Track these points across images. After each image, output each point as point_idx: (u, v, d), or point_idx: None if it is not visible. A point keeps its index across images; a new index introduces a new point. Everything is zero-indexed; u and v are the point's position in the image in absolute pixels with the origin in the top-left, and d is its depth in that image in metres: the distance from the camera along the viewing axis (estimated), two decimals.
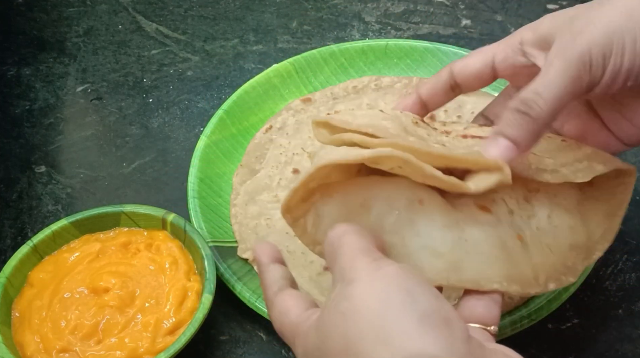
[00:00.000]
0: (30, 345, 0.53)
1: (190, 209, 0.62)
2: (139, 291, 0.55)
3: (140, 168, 0.72)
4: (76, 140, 0.75)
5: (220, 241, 0.61)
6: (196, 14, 0.89)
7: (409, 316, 0.33)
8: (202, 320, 0.53)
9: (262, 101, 0.72)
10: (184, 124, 0.75)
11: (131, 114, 0.77)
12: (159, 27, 0.87)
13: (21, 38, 0.87)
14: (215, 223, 0.62)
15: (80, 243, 0.59)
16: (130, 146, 0.74)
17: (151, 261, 0.57)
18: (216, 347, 0.58)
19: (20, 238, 0.66)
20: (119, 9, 0.90)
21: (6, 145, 0.74)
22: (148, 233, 0.60)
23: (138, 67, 0.82)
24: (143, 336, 0.53)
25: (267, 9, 0.89)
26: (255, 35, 0.85)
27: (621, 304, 0.58)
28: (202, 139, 0.68)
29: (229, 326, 0.59)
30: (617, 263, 0.61)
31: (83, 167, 0.72)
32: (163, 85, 0.80)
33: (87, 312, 0.54)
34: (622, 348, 0.56)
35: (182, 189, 0.65)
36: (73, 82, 0.81)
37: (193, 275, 0.57)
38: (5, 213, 0.68)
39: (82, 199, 0.69)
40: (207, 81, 0.80)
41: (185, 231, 0.58)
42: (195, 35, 0.86)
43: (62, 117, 0.77)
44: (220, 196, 0.65)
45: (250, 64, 0.82)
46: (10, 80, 0.81)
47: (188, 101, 0.78)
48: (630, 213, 0.64)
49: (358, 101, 0.72)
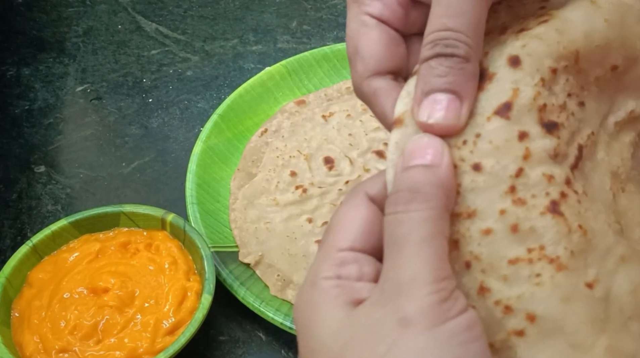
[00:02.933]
0: (29, 345, 0.53)
1: (189, 215, 0.62)
2: (138, 292, 0.55)
3: (139, 168, 0.72)
4: (76, 140, 0.75)
5: (221, 247, 0.61)
6: (196, 14, 0.89)
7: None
8: (201, 320, 0.53)
9: (256, 105, 0.72)
10: (184, 124, 0.75)
11: (131, 114, 0.77)
12: (158, 27, 0.87)
13: (21, 38, 0.86)
14: (214, 228, 0.62)
15: (79, 243, 0.59)
16: (129, 146, 0.74)
17: (151, 261, 0.57)
18: (216, 347, 0.58)
19: (19, 238, 0.66)
20: (119, 9, 0.89)
21: (6, 145, 0.74)
22: (147, 233, 0.60)
23: (137, 67, 0.82)
24: (142, 336, 0.53)
25: (266, 9, 0.89)
26: (255, 35, 0.85)
27: None
28: (198, 144, 0.68)
29: (229, 326, 0.59)
30: None
31: (82, 167, 0.72)
32: (162, 85, 0.80)
33: (86, 312, 0.54)
34: None
35: (181, 190, 0.65)
36: (72, 82, 0.81)
37: (192, 275, 0.57)
38: (5, 213, 0.68)
39: (82, 199, 0.69)
40: (207, 81, 0.80)
41: (184, 231, 0.58)
42: (195, 35, 0.86)
43: (61, 117, 0.77)
44: (218, 201, 0.65)
45: (250, 64, 0.82)
46: (9, 80, 0.81)
47: (187, 101, 0.78)
48: None
49: (352, 102, 0.72)
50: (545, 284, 0.29)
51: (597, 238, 0.30)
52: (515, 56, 0.31)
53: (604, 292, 0.29)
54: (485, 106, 0.31)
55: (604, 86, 0.34)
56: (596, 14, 0.33)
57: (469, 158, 0.31)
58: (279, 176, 0.66)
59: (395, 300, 0.29)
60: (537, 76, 0.31)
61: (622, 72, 0.34)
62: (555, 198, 0.30)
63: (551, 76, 0.32)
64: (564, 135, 0.32)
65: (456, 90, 0.31)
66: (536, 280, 0.29)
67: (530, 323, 0.29)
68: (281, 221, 0.63)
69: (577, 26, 0.32)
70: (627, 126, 0.35)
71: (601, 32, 0.32)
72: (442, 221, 0.30)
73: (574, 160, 0.32)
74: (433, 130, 0.32)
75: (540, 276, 0.29)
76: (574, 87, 0.32)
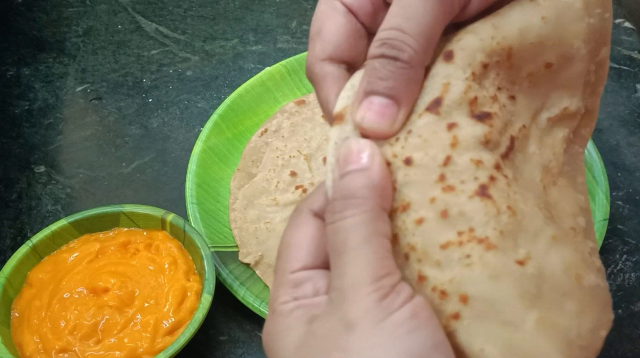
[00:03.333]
0: (29, 345, 0.53)
1: (189, 215, 0.62)
2: (138, 292, 0.55)
3: (139, 168, 0.72)
4: (75, 140, 0.75)
5: (221, 247, 0.61)
6: (196, 13, 0.89)
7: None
8: (201, 320, 0.53)
9: (256, 105, 0.72)
10: (184, 124, 0.75)
11: (131, 114, 0.77)
12: (158, 27, 0.87)
13: (20, 38, 0.86)
14: (214, 228, 0.62)
15: (79, 243, 0.59)
16: (129, 146, 0.74)
17: (150, 261, 0.57)
18: (216, 347, 0.58)
19: (19, 238, 0.66)
20: (119, 9, 0.89)
21: (5, 145, 0.74)
22: (147, 233, 0.60)
23: (137, 67, 0.82)
24: (142, 336, 0.53)
25: (266, 9, 0.89)
26: (255, 35, 0.85)
27: (621, 304, 0.58)
28: (198, 145, 0.68)
29: (229, 326, 0.59)
30: (616, 263, 0.61)
31: (82, 167, 0.72)
32: (162, 85, 0.80)
33: (86, 312, 0.54)
34: (621, 348, 0.56)
35: (181, 190, 0.65)
36: (72, 82, 0.81)
37: (192, 275, 0.57)
38: (5, 213, 0.68)
39: (82, 199, 0.69)
40: (207, 81, 0.80)
41: (184, 231, 0.58)
42: (195, 35, 0.86)
43: (61, 117, 0.77)
44: (218, 201, 0.65)
45: (250, 64, 0.82)
46: (9, 80, 0.81)
47: (187, 101, 0.78)
48: (630, 213, 0.64)
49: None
50: (475, 264, 0.29)
51: (527, 219, 0.30)
52: (450, 50, 0.32)
53: (536, 269, 0.29)
54: (420, 104, 0.32)
55: (537, 82, 0.34)
56: (534, 11, 0.33)
57: (401, 154, 0.31)
58: (279, 176, 0.66)
59: (340, 306, 0.29)
60: (469, 70, 0.32)
61: (556, 70, 0.34)
62: (484, 181, 0.30)
63: (482, 70, 0.32)
64: (497, 124, 0.32)
65: (395, 96, 0.32)
66: (466, 261, 0.29)
67: (464, 305, 0.29)
68: (281, 221, 0.63)
69: (513, 22, 0.33)
70: (560, 122, 0.35)
71: (537, 30, 0.33)
72: (379, 221, 0.31)
73: (505, 150, 0.32)
74: (366, 133, 0.32)
75: (470, 258, 0.29)
76: (503, 82, 0.33)
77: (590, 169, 0.63)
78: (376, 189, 0.31)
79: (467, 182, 0.30)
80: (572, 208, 0.34)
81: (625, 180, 0.67)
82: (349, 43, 0.35)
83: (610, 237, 0.62)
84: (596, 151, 0.64)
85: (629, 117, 0.73)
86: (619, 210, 0.65)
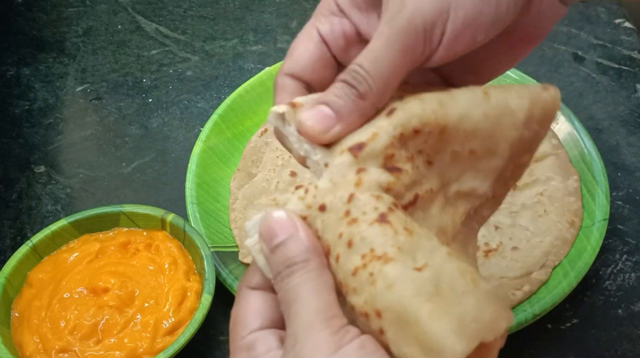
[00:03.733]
0: (29, 345, 0.53)
1: (189, 215, 0.62)
2: (138, 292, 0.55)
3: (139, 168, 0.72)
4: (75, 140, 0.75)
5: (221, 247, 0.61)
6: (196, 13, 0.89)
7: None
8: (201, 320, 0.53)
9: (256, 105, 0.72)
10: (184, 124, 0.75)
11: (130, 114, 0.77)
12: (158, 27, 0.87)
13: (20, 38, 0.86)
14: (214, 228, 0.62)
15: (79, 243, 0.59)
16: (129, 146, 0.74)
17: (150, 261, 0.57)
18: (216, 347, 0.58)
19: (19, 238, 0.66)
20: (119, 9, 0.89)
21: (5, 145, 0.74)
22: (147, 233, 0.60)
23: (137, 67, 0.82)
24: (142, 336, 0.53)
25: (266, 9, 0.89)
26: (255, 35, 0.85)
27: (621, 304, 0.58)
28: (198, 145, 0.68)
29: (229, 326, 0.59)
30: (616, 263, 0.61)
31: (82, 167, 0.72)
32: (162, 85, 0.80)
33: (86, 312, 0.54)
34: (621, 348, 0.56)
35: (181, 190, 0.65)
36: (72, 82, 0.81)
37: (192, 275, 0.57)
38: (5, 213, 0.68)
39: (82, 199, 0.69)
40: (207, 81, 0.80)
41: (184, 231, 0.58)
42: (195, 35, 0.86)
43: (61, 117, 0.77)
44: (218, 201, 0.65)
45: (250, 64, 0.82)
46: (9, 80, 0.81)
47: (187, 101, 0.78)
48: (630, 213, 0.64)
49: None
50: (377, 280, 0.31)
51: (424, 239, 0.33)
52: (394, 107, 0.35)
53: (433, 273, 0.31)
54: (348, 140, 0.35)
55: (458, 159, 0.37)
56: (480, 104, 0.36)
57: (314, 203, 0.34)
58: (279, 176, 0.66)
59: (294, 347, 0.32)
60: (399, 130, 0.34)
61: (478, 158, 0.37)
62: (384, 211, 0.33)
63: (412, 134, 0.35)
64: (404, 179, 0.35)
65: (339, 113, 0.35)
66: (371, 280, 0.31)
67: (381, 320, 0.31)
68: None
69: (457, 106, 0.36)
70: (466, 198, 0.38)
71: (475, 121, 0.36)
72: (323, 275, 0.33)
73: (407, 203, 0.35)
74: (301, 130, 0.36)
75: (372, 275, 0.31)
76: (428, 148, 0.36)
77: (590, 169, 0.63)
78: (309, 248, 0.33)
79: (369, 213, 0.33)
80: None
81: (625, 180, 0.67)
82: (313, 67, 0.39)
83: (610, 237, 0.62)
84: (596, 151, 0.64)
85: (629, 117, 0.73)
86: (619, 210, 0.65)
